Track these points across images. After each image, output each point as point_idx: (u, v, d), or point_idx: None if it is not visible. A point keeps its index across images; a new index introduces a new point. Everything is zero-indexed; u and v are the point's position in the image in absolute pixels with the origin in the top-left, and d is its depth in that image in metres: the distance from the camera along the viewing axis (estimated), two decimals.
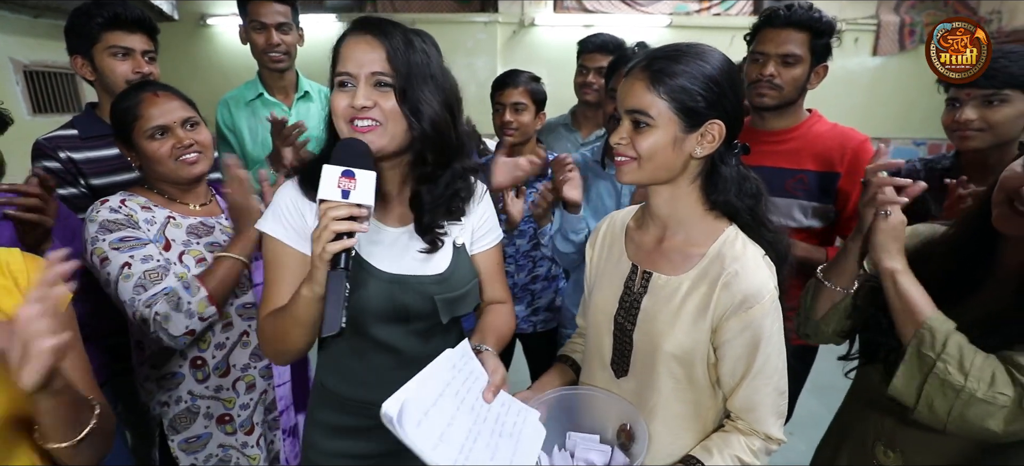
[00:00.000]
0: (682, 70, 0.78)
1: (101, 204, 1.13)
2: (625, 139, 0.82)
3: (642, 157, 0.81)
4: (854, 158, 1.36)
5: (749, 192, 0.86)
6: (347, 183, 0.75)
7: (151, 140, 1.14)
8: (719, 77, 0.79)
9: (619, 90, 0.84)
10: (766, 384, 0.82)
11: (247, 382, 1.25)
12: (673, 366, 0.85)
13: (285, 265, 0.90)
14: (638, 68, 0.81)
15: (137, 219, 1.14)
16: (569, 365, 1.05)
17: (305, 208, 0.91)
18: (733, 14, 4.43)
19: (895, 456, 0.94)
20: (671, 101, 0.78)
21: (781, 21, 1.37)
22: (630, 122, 0.82)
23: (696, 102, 0.78)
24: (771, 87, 1.39)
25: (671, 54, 0.80)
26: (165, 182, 1.20)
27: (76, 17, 1.38)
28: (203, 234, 1.22)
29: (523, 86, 1.74)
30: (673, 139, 0.80)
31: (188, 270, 1.15)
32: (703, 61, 0.79)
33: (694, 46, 0.82)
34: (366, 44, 0.86)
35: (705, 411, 0.88)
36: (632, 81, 0.81)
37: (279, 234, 0.90)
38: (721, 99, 0.80)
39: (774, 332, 0.81)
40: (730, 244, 0.84)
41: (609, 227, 1.03)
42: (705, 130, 0.80)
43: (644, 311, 0.88)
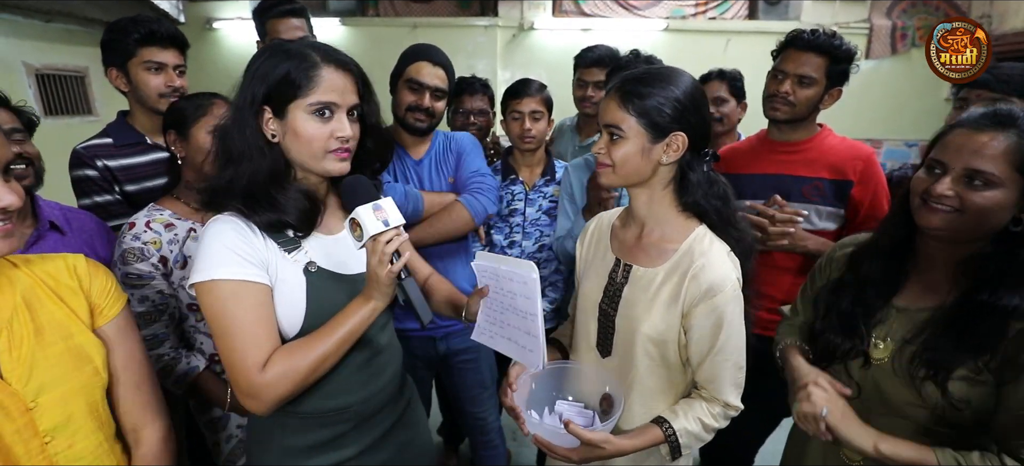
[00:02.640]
0: (650, 91, 0.92)
1: (128, 228, 1.20)
2: (603, 149, 0.98)
3: (616, 164, 0.96)
4: (865, 169, 1.51)
5: (716, 194, 0.99)
6: (381, 214, 0.87)
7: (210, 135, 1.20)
8: (682, 97, 0.93)
9: (600, 108, 0.99)
10: (726, 360, 0.96)
11: None
12: (649, 347, 0.99)
13: (260, 303, 0.87)
14: (613, 90, 0.96)
15: (160, 242, 1.20)
16: (556, 347, 1.19)
17: (251, 236, 0.88)
18: (728, 18, 4.50)
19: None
20: (639, 117, 0.93)
21: (804, 44, 1.50)
22: (607, 135, 0.97)
23: (661, 117, 0.92)
24: (785, 103, 1.52)
25: (642, 78, 0.94)
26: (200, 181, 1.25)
27: (113, 32, 1.48)
28: None
29: (539, 95, 1.82)
30: (641, 148, 0.94)
31: None
32: (670, 84, 0.93)
33: (665, 70, 0.97)
34: (344, 75, 0.91)
35: (676, 386, 1.03)
36: (608, 101, 0.97)
37: (246, 275, 0.86)
38: (684, 114, 0.93)
39: (735, 317, 0.94)
40: (699, 240, 0.98)
41: (597, 226, 1.18)
42: (670, 140, 0.94)
43: (625, 299, 1.01)
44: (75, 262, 0.89)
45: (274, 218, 0.89)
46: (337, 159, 0.91)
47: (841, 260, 1.08)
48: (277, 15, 1.81)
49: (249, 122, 0.88)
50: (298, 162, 0.92)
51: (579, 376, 1.08)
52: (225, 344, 0.85)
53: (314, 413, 0.98)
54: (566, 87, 2.23)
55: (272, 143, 0.90)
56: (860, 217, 1.50)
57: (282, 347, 0.88)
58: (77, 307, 0.86)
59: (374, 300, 0.90)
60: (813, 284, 1.15)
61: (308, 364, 0.86)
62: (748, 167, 1.62)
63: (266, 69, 0.87)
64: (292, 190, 0.91)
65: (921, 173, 0.92)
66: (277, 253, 0.90)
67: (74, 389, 0.82)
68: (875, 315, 0.97)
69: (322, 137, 0.88)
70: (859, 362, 0.98)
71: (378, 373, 1.04)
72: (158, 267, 1.20)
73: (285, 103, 0.87)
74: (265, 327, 0.86)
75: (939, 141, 0.91)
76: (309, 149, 0.89)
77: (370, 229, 0.85)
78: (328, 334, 0.88)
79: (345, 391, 0.99)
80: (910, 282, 0.97)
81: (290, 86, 0.86)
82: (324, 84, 0.87)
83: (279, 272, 0.90)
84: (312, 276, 0.92)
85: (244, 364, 0.84)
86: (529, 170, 1.89)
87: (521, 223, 1.86)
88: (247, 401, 0.86)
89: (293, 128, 0.88)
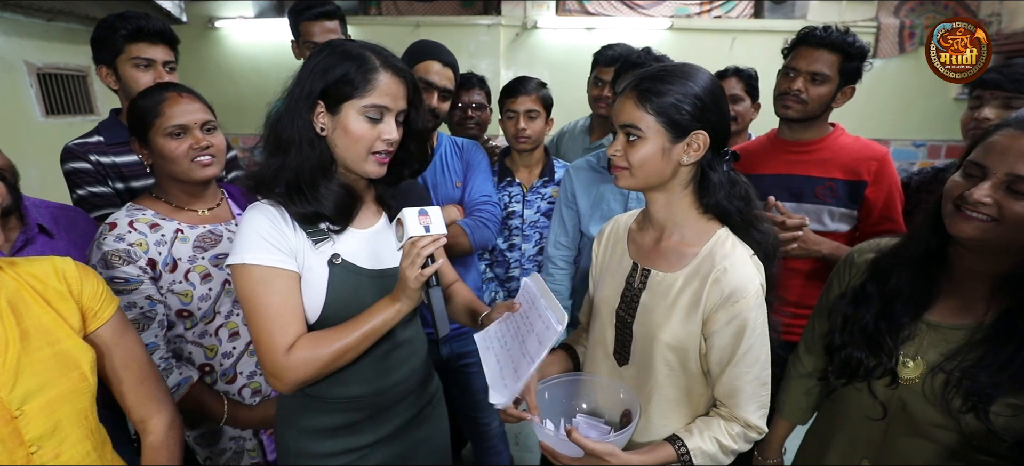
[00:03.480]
0: (668, 89, 0.87)
1: (109, 229, 1.13)
2: (619, 151, 0.92)
3: (633, 166, 0.91)
4: (880, 169, 1.46)
5: (739, 195, 0.94)
6: (425, 220, 0.90)
7: (169, 138, 1.16)
8: (702, 93, 0.88)
9: (615, 107, 0.94)
10: (747, 371, 0.90)
11: (253, 388, 1.29)
12: (668, 355, 0.94)
13: (288, 289, 0.92)
14: (629, 88, 0.91)
15: (146, 244, 1.13)
16: (569, 354, 1.14)
17: (283, 225, 0.93)
18: (733, 17, 4.46)
19: None
20: (658, 116, 0.88)
21: (815, 40, 1.46)
22: (623, 135, 0.91)
23: (681, 115, 0.87)
24: (797, 101, 1.48)
25: (658, 75, 0.89)
26: (176, 184, 1.21)
27: (101, 29, 1.45)
28: (210, 245, 1.23)
29: (535, 93, 1.78)
30: (661, 149, 0.89)
31: (193, 287, 1.18)
32: (689, 80, 0.88)
33: (682, 66, 0.91)
34: (399, 81, 0.95)
35: (696, 397, 0.97)
36: (624, 100, 0.91)
37: (275, 261, 0.90)
38: (704, 112, 0.88)
39: (758, 324, 0.89)
40: (721, 244, 0.93)
41: (613, 229, 1.13)
42: (690, 140, 0.89)
43: (643, 305, 0.97)
44: (64, 266, 0.87)
45: (311, 210, 0.93)
46: (377, 162, 0.95)
47: (862, 266, 1.01)
48: (312, 17, 1.81)
49: (302, 114, 0.92)
50: (341, 159, 0.96)
51: (594, 388, 1.03)
52: (254, 324, 0.90)
53: (329, 398, 1.02)
54: (570, 87, 2.20)
55: (320, 136, 0.93)
56: (874, 218, 1.46)
57: (308, 334, 0.92)
58: (66, 312, 0.84)
59: (400, 302, 0.92)
60: (829, 293, 1.08)
61: (329, 354, 0.90)
62: (758, 167, 1.57)
63: (326, 66, 0.91)
64: (335, 183, 0.96)
65: (957, 176, 0.85)
66: (306, 242, 0.95)
67: (61, 396, 0.79)
68: (903, 330, 0.90)
69: (369, 138, 0.92)
70: (885, 381, 0.91)
71: (396, 366, 1.05)
72: (146, 270, 1.13)
73: (340, 101, 0.91)
74: (291, 311, 0.91)
75: (981, 142, 0.84)
76: (355, 148, 0.93)
77: (410, 231, 0.88)
78: (352, 328, 0.91)
79: (359, 380, 1.01)
80: (943, 296, 0.90)
81: (347, 85, 0.90)
82: (380, 88, 0.91)
83: (306, 261, 0.94)
84: (335, 268, 0.96)
85: (271, 345, 0.89)
86: (527, 171, 1.85)
87: (520, 225, 1.82)
88: (271, 380, 0.92)
89: (344, 125, 0.92)
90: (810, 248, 1.39)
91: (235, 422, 1.22)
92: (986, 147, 0.82)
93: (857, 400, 0.97)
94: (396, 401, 1.07)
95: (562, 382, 1.01)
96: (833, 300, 1.04)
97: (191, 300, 1.17)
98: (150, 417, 0.95)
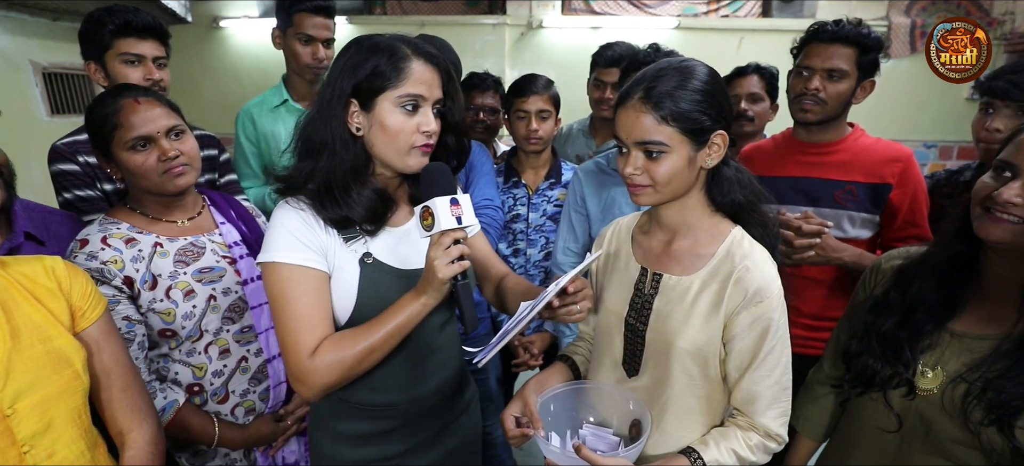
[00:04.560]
0: (681, 94, 0.81)
1: (80, 246, 1.04)
2: (638, 170, 0.85)
3: (659, 183, 0.85)
4: (904, 171, 1.38)
5: (749, 187, 0.90)
6: (457, 210, 0.84)
7: (133, 152, 1.06)
8: (713, 88, 0.83)
9: (621, 121, 0.87)
10: (768, 375, 0.85)
11: (246, 407, 1.22)
12: (687, 362, 0.89)
13: (316, 289, 0.89)
14: (636, 99, 0.83)
15: (121, 261, 1.04)
16: (569, 365, 1.08)
17: (314, 224, 0.91)
18: (741, 16, 4.41)
19: None
20: (679, 125, 0.82)
21: (828, 36, 1.38)
22: (641, 153, 0.85)
23: (701, 121, 0.82)
24: (815, 102, 1.40)
25: (664, 77, 0.82)
26: (151, 196, 1.12)
27: (89, 24, 1.40)
28: (193, 259, 1.14)
29: (546, 92, 1.72)
30: (687, 160, 0.84)
31: (175, 306, 1.08)
32: (695, 79, 0.83)
33: (679, 65, 0.85)
34: (432, 69, 0.90)
35: (715, 404, 0.92)
36: (635, 113, 0.83)
37: (305, 260, 0.88)
38: (720, 109, 0.84)
39: (781, 328, 0.85)
40: (738, 243, 0.89)
41: (614, 233, 1.07)
42: (711, 142, 0.84)
43: (656, 312, 0.92)
44: (53, 264, 0.86)
45: (341, 215, 0.90)
46: (421, 153, 0.91)
47: (888, 273, 0.96)
48: (309, 9, 1.75)
49: (336, 114, 0.89)
50: (380, 157, 0.92)
51: (602, 397, 0.98)
52: (280, 325, 0.88)
53: (363, 404, 1.00)
54: (575, 87, 2.16)
55: (356, 137, 0.90)
56: (897, 223, 1.39)
57: (332, 335, 0.88)
58: (56, 309, 0.82)
59: (426, 295, 0.86)
60: (854, 301, 1.03)
61: (354, 355, 0.86)
62: (772, 169, 1.50)
63: (355, 62, 0.88)
64: (368, 187, 0.92)
65: (986, 177, 0.81)
66: (337, 240, 0.92)
67: (54, 394, 0.77)
68: (924, 339, 0.86)
69: (408, 130, 0.89)
70: (901, 391, 0.87)
71: (430, 375, 1.02)
72: (124, 289, 1.04)
73: (373, 95, 0.88)
74: (318, 313, 0.88)
75: (1012, 140, 0.80)
76: (395, 144, 0.89)
77: (443, 223, 0.82)
78: (377, 327, 0.87)
79: (392, 388, 0.98)
80: (971, 305, 0.85)
81: (379, 78, 0.87)
82: (413, 77, 0.88)
83: (337, 260, 0.91)
84: (367, 267, 0.92)
85: (296, 347, 0.86)
86: (533, 172, 1.80)
87: (525, 229, 1.78)
88: (296, 385, 0.89)
89: (380, 120, 0.88)
90: (830, 255, 1.30)
91: (227, 443, 1.16)
92: (1017, 144, 0.78)
93: (872, 411, 0.93)
94: (431, 410, 1.04)
95: (567, 392, 0.97)
96: (855, 307, 1.00)
97: (174, 319, 1.09)
98: (131, 429, 0.90)
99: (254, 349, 1.21)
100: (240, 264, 1.19)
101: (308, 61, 1.79)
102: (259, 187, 1.87)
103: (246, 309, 1.20)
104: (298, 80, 1.87)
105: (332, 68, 0.91)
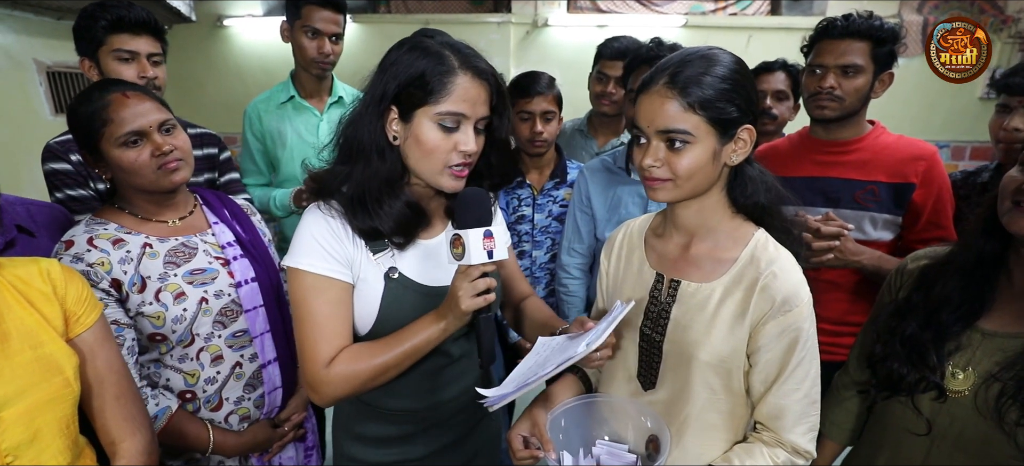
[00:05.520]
0: (710, 80, 0.75)
1: (65, 247, 1.01)
2: (658, 162, 0.79)
3: (680, 177, 0.79)
4: (928, 170, 1.33)
5: (773, 190, 0.85)
6: (489, 243, 0.80)
7: (125, 148, 1.03)
8: (743, 80, 0.78)
9: (643, 108, 0.81)
10: (796, 389, 0.80)
11: (241, 414, 1.18)
12: (709, 376, 0.83)
13: (338, 300, 0.88)
14: (662, 84, 0.78)
15: (109, 263, 1.00)
16: (579, 377, 1.03)
17: (342, 233, 0.88)
18: (750, 14, 4.35)
19: None
20: (706, 115, 0.76)
21: (839, 31, 1.33)
22: (663, 142, 0.79)
23: (729, 112, 0.77)
24: (831, 99, 1.35)
25: (692, 62, 0.77)
26: (141, 194, 1.09)
27: (82, 19, 1.38)
28: (184, 259, 1.11)
29: (551, 93, 1.68)
30: (712, 153, 0.78)
31: (165, 309, 1.05)
32: (725, 66, 0.77)
33: (707, 52, 0.80)
34: (480, 84, 0.86)
35: (738, 420, 0.87)
36: (660, 99, 0.78)
37: (328, 270, 0.86)
38: (749, 103, 0.78)
39: (811, 338, 0.79)
40: (763, 247, 0.83)
41: (626, 236, 1.01)
42: (737, 136, 0.79)
43: (674, 321, 0.86)
44: (49, 267, 0.83)
45: (370, 226, 0.88)
46: (453, 176, 0.88)
47: (913, 274, 0.93)
48: (315, 3, 1.72)
49: (374, 120, 0.86)
50: (415, 170, 0.90)
51: (615, 411, 0.93)
52: (299, 331, 0.89)
53: (383, 409, 0.99)
54: (581, 86, 2.12)
55: (393, 145, 0.86)
56: (920, 224, 1.34)
57: (349, 348, 0.88)
58: (50, 314, 0.80)
59: (446, 321, 0.85)
60: (880, 304, 1.00)
61: (369, 371, 0.86)
62: (788, 169, 1.45)
63: (402, 64, 0.84)
64: (400, 200, 0.90)
65: (1015, 171, 0.79)
66: (364, 252, 0.91)
67: (42, 402, 0.74)
68: (951, 341, 0.83)
69: (444, 150, 0.84)
70: (931, 395, 0.84)
71: (449, 383, 1.00)
72: (111, 292, 1.02)
73: (412, 107, 0.85)
74: (338, 324, 0.87)
75: None
76: (429, 162, 0.85)
77: (474, 257, 0.79)
78: (393, 346, 0.85)
79: (411, 394, 0.97)
80: (1001, 303, 0.83)
81: (422, 89, 0.83)
82: (457, 93, 0.84)
83: (362, 272, 0.90)
84: (391, 282, 0.90)
85: (313, 356, 0.86)
86: (537, 172, 1.76)
87: (530, 231, 1.74)
88: (309, 392, 0.89)
89: (416, 135, 0.85)
90: (849, 259, 1.26)
91: (223, 451, 1.14)
92: None
93: (900, 414, 0.90)
94: (450, 416, 1.03)
95: (578, 406, 0.91)
96: (879, 310, 0.97)
97: (164, 323, 1.06)
98: (123, 439, 0.87)
99: (248, 354, 1.17)
100: (234, 266, 1.16)
101: (314, 55, 1.76)
102: (263, 186, 1.85)
103: (240, 313, 1.16)
104: (305, 76, 1.84)
105: (378, 68, 0.88)
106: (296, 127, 1.81)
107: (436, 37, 0.88)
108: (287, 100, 1.83)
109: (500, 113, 0.92)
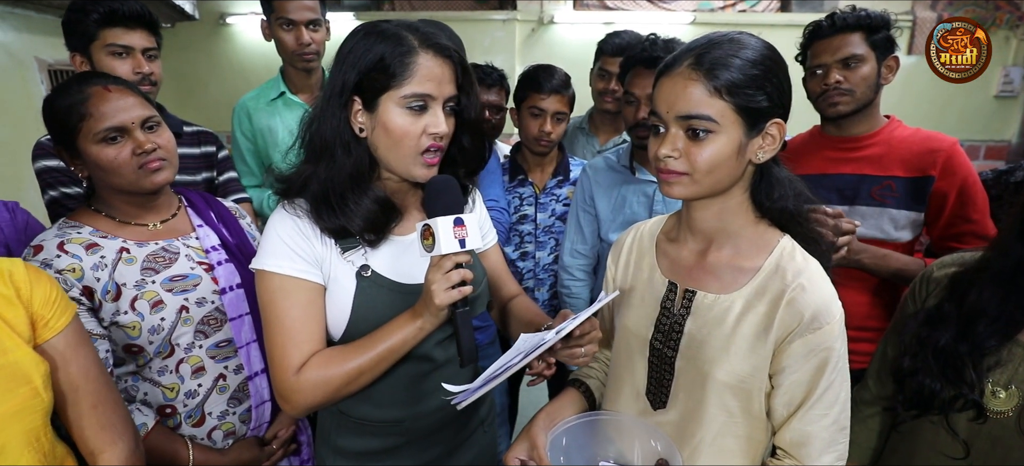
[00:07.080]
0: (739, 63, 0.68)
1: (33, 253, 0.95)
2: (676, 152, 0.71)
3: (699, 170, 0.71)
4: (948, 160, 1.27)
5: (802, 196, 0.77)
6: (460, 232, 0.76)
7: (105, 145, 0.97)
8: (775, 67, 0.70)
9: (663, 92, 0.73)
10: (824, 415, 0.72)
11: (225, 429, 1.11)
12: (726, 397, 0.76)
13: (308, 301, 0.83)
14: (685, 66, 0.71)
15: (80, 269, 0.94)
16: (582, 392, 0.96)
17: (310, 232, 0.84)
18: (759, 11, 4.28)
19: None
20: (733, 101, 0.68)
21: (829, 29, 1.30)
22: (682, 130, 0.71)
23: (758, 101, 0.69)
24: (841, 93, 1.30)
25: (720, 44, 0.70)
26: (121, 196, 1.03)
27: (72, 13, 1.32)
28: (163, 266, 1.05)
29: (565, 94, 1.64)
30: (738, 146, 0.70)
31: (141, 319, 0.98)
32: (753, 50, 0.70)
33: (736, 35, 0.72)
34: (443, 62, 0.81)
35: (756, 444, 0.79)
36: (683, 82, 0.70)
37: (296, 271, 0.82)
38: (781, 93, 0.71)
39: (842, 358, 0.72)
40: (789, 256, 0.75)
41: (635, 240, 0.93)
42: (766, 131, 0.71)
43: (689, 336, 0.79)
44: (11, 268, 0.77)
45: (339, 226, 0.85)
46: (426, 164, 0.84)
47: (941, 282, 0.86)
48: None
49: (337, 113, 0.82)
50: (385, 162, 0.86)
51: (621, 430, 0.86)
52: (268, 337, 0.85)
53: (364, 420, 0.95)
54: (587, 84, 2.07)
55: (359, 138, 0.82)
56: (945, 218, 1.27)
57: (321, 353, 0.83)
58: (13, 319, 0.74)
59: (422, 320, 0.80)
60: (903, 313, 0.93)
61: (342, 376, 0.81)
62: (799, 167, 1.39)
63: (359, 53, 0.80)
64: (368, 197, 0.85)
65: None
66: (333, 251, 0.87)
67: (7, 415, 0.70)
68: (990, 355, 0.77)
69: (414, 134, 0.81)
70: (969, 415, 0.77)
71: (434, 391, 0.94)
72: (82, 301, 0.95)
73: (376, 94, 0.81)
74: (308, 327, 0.83)
75: None
76: (399, 149, 0.81)
77: (444, 246, 0.75)
78: (367, 348, 0.80)
79: (393, 404, 0.92)
80: None
81: (383, 73, 0.79)
82: (420, 73, 0.80)
83: (332, 271, 0.87)
84: (364, 281, 0.85)
85: (281, 363, 0.82)
86: (541, 170, 1.72)
87: (532, 231, 1.69)
88: (281, 402, 0.85)
89: (383, 122, 0.81)
90: (850, 257, 1.20)
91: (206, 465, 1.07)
92: None
93: (932, 435, 0.84)
94: (436, 428, 0.97)
95: (581, 425, 0.85)
96: (905, 319, 0.90)
97: (140, 333, 0.99)
98: (103, 449, 0.82)
99: (233, 365, 1.11)
100: (218, 271, 1.09)
101: (293, 47, 1.69)
102: (256, 188, 1.80)
103: (224, 321, 1.10)
104: (293, 71, 1.79)
105: (335, 59, 0.83)
106: (288, 124, 1.76)
107: (389, 22, 0.84)
108: (277, 96, 1.77)
109: (467, 92, 0.87)
